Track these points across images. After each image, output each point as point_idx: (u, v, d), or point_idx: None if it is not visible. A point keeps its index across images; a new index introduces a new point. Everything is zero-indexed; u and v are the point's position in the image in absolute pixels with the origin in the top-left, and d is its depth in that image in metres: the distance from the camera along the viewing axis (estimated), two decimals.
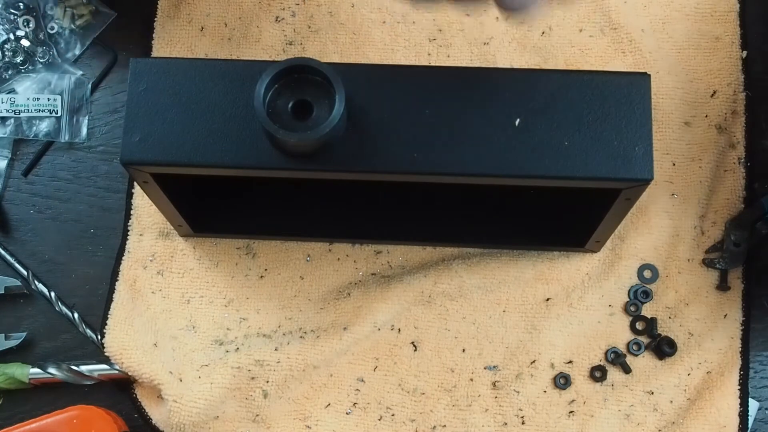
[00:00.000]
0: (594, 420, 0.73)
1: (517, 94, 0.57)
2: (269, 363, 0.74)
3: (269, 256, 0.77)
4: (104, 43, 0.83)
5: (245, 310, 0.76)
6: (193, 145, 0.57)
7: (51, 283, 0.78)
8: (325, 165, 0.57)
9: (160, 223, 0.78)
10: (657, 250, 0.76)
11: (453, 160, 0.56)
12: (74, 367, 0.74)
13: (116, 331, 0.75)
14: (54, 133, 0.81)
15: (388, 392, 0.74)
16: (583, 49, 0.80)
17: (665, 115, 0.78)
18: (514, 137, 0.56)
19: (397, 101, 0.57)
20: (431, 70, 0.62)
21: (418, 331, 0.75)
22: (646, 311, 0.75)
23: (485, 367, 0.75)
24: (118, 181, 0.80)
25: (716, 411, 0.73)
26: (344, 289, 0.77)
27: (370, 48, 0.81)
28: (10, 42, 0.82)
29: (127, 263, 0.77)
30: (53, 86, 0.81)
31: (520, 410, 0.74)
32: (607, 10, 0.80)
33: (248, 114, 0.57)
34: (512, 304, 0.76)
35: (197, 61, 0.64)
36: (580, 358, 0.75)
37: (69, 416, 0.70)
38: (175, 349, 0.75)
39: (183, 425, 0.73)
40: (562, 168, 0.56)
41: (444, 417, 0.74)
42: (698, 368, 0.74)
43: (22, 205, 0.80)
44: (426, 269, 0.76)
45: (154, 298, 0.76)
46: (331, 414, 0.74)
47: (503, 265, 0.77)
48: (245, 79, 0.58)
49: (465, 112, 0.57)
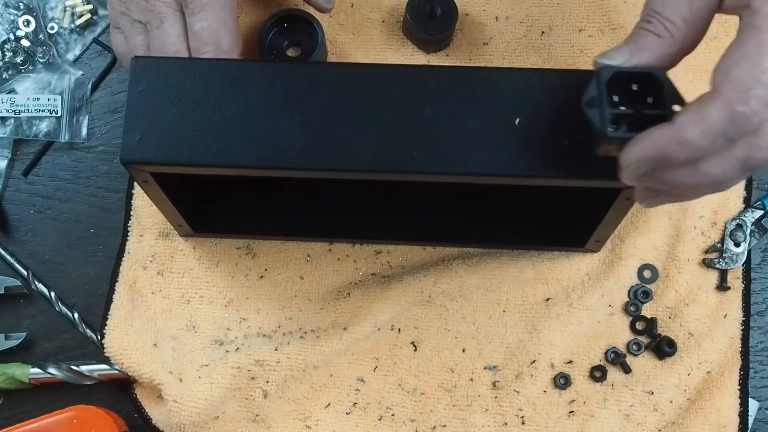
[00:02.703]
0: (594, 420, 0.73)
1: (517, 94, 0.57)
2: (269, 363, 0.74)
3: (269, 256, 0.77)
4: (104, 43, 0.83)
5: (245, 310, 0.76)
6: (193, 145, 0.57)
7: (51, 283, 0.78)
8: (325, 164, 0.57)
9: (160, 224, 0.78)
10: (657, 250, 0.76)
11: (453, 160, 0.56)
12: (74, 367, 0.74)
13: (116, 331, 0.75)
14: (54, 133, 0.81)
15: (388, 392, 0.74)
16: (583, 49, 0.80)
17: None
18: (513, 137, 0.56)
19: (396, 101, 0.57)
20: (431, 69, 0.62)
21: (418, 331, 0.75)
22: (646, 311, 0.75)
23: (485, 367, 0.75)
24: (118, 181, 0.80)
25: (716, 411, 0.73)
26: (344, 289, 0.77)
27: (370, 48, 0.81)
28: (10, 42, 0.82)
29: (127, 264, 0.77)
30: (53, 86, 0.81)
31: (520, 410, 0.74)
32: (607, 10, 0.80)
33: (248, 114, 0.57)
34: (512, 304, 0.76)
35: (197, 61, 0.64)
36: (580, 358, 0.75)
37: (69, 416, 0.70)
38: (175, 349, 0.75)
39: (183, 425, 0.73)
40: (562, 168, 0.56)
41: (444, 417, 0.74)
42: (698, 368, 0.74)
43: (22, 205, 0.80)
44: (426, 269, 0.76)
45: (154, 299, 0.76)
46: (331, 414, 0.74)
47: (503, 265, 0.77)
48: (245, 79, 0.58)
49: (465, 112, 0.57)
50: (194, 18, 0.65)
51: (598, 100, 0.51)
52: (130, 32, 0.67)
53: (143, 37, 0.67)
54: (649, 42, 0.51)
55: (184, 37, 0.66)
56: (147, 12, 0.66)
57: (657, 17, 0.51)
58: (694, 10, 0.51)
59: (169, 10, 0.66)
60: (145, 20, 0.67)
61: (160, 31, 0.66)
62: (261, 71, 0.58)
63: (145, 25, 0.67)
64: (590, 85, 0.52)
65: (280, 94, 0.57)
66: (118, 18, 0.68)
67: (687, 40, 0.51)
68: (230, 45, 0.65)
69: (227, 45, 0.64)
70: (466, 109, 0.57)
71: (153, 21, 0.66)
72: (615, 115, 0.51)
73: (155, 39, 0.66)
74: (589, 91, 0.51)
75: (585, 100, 0.51)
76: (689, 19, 0.51)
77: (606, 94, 0.51)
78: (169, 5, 0.66)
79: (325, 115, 0.57)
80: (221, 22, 0.64)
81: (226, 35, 0.64)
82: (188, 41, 0.65)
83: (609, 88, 0.51)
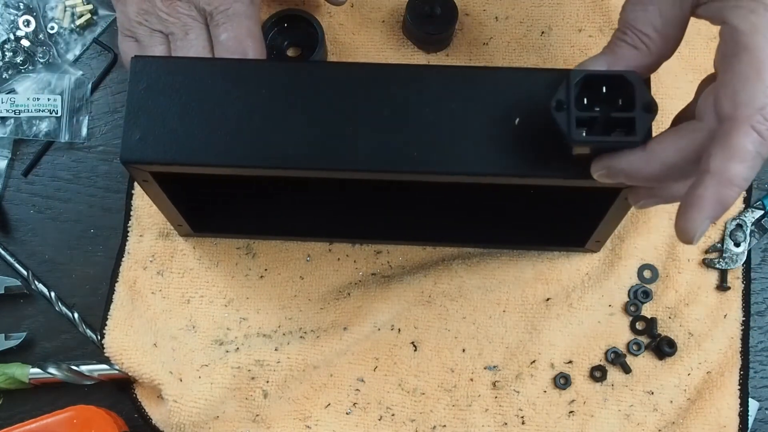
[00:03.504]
0: (594, 420, 0.73)
1: (517, 94, 0.57)
2: (269, 363, 0.74)
3: (269, 256, 0.77)
4: (104, 43, 0.83)
5: (245, 310, 0.76)
6: (193, 144, 0.57)
7: (51, 283, 0.78)
8: (325, 164, 0.57)
9: (160, 224, 0.78)
10: (657, 250, 0.77)
11: (453, 159, 0.56)
12: (74, 367, 0.74)
13: (116, 331, 0.75)
14: (54, 133, 0.81)
15: (388, 392, 0.74)
16: (583, 49, 0.80)
17: (665, 115, 0.77)
18: (513, 137, 0.56)
19: (396, 100, 0.57)
20: (431, 69, 0.62)
21: (418, 331, 0.75)
22: (646, 311, 0.75)
23: (485, 367, 0.75)
24: (118, 181, 0.80)
25: (716, 411, 0.73)
26: (344, 289, 0.77)
27: (370, 48, 0.81)
28: (10, 42, 0.82)
29: (127, 264, 0.77)
30: (53, 86, 0.81)
31: (520, 410, 0.74)
32: (607, 10, 0.80)
33: (248, 113, 0.57)
34: (512, 304, 0.76)
35: (197, 60, 0.64)
36: (580, 358, 0.75)
37: (69, 416, 0.70)
38: (175, 349, 0.75)
39: (183, 425, 0.73)
40: (562, 167, 0.56)
41: (444, 417, 0.74)
42: (698, 368, 0.74)
43: (22, 205, 0.80)
44: (426, 269, 0.76)
45: (154, 299, 0.76)
46: (331, 414, 0.74)
47: (503, 265, 0.77)
48: (245, 79, 0.58)
49: (465, 112, 0.57)
50: (220, 29, 0.66)
51: (566, 103, 0.51)
52: (149, 41, 0.68)
53: (164, 47, 0.67)
54: (626, 53, 0.52)
55: (210, 48, 0.66)
56: (170, 23, 0.67)
57: (632, 30, 0.52)
58: (666, 22, 0.52)
59: (195, 23, 0.67)
60: (167, 31, 0.67)
61: (185, 42, 0.66)
62: (261, 71, 0.58)
63: (167, 36, 0.67)
64: (559, 89, 0.52)
65: (280, 94, 0.57)
66: (134, 27, 0.68)
67: (663, 50, 0.53)
68: (255, 53, 0.66)
69: (253, 53, 0.65)
70: (466, 109, 0.57)
71: (177, 32, 0.67)
72: (585, 118, 0.51)
73: (179, 50, 0.66)
74: (557, 94, 0.51)
75: (552, 103, 0.51)
76: (663, 30, 0.52)
77: (574, 97, 0.51)
78: (194, 17, 0.67)
79: (325, 114, 0.57)
80: (247, 31, 0.65)
81: (251, 44, 0.65)
82: (212, 51, 0.66)
83: (580, 91, 0.51)
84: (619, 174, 0.52)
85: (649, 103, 0.50)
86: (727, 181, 0.46)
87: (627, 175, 0.52)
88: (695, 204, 0.47)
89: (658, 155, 0.50)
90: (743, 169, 0.46)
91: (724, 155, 0.46)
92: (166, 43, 0.67)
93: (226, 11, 0.65)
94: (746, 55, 0.47)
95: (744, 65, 0.47)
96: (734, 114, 0.46)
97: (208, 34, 0.67)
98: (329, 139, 0.57)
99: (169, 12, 0.67)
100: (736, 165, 0.46)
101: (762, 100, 0.46)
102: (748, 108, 0.46)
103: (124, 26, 0.69)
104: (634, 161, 0.51)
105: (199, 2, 0.66)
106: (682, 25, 0.52)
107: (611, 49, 0.53)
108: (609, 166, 0.52)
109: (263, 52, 0.67)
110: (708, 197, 0.47)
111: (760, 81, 0.46)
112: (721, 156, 0.46)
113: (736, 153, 0.46)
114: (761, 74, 0.46)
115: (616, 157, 0.52)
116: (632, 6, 0.53)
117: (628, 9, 0.53)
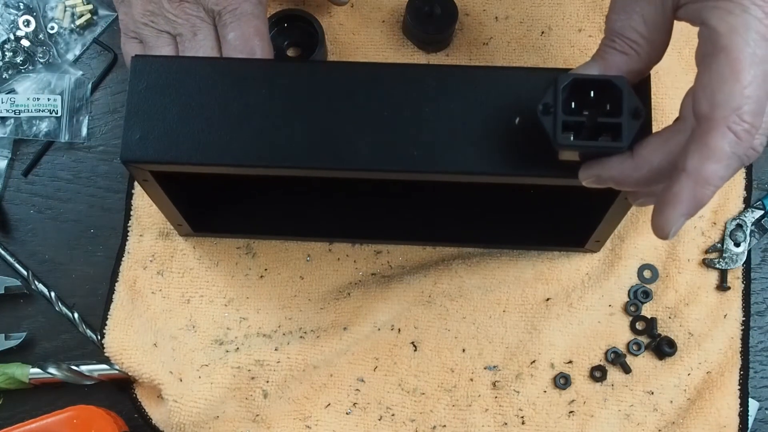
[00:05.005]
0: (594, 420, 0.73)
1: (517, 94, 0.57)
2: (269, 363, 0.74)
3: (269, 256, 0.77)
4: (104, 43, 0.83)
5: (245, 309, 0.76)
6: (193, 144, 0.57)
7: (51, 283, 0.78)
8: (325, 163, 0.57)
9: (160, 224, 0.78)
10: (657, 250, 0.77)
11: (453, 159, 0.56)
12: (74, 367, 0.74)
13: (116, 331, 0.75)
14: (54, 133, 0.81)
15: (388, 392, 0.74)
16: (583, 49, 0.80)
17: (665, 115, 0.78)
18: (513, 136, 0.56)
19: (396, 100, 0.57)
20: (431, 69, 0.62)
21: (418, 331, 0.75)
22: (646, 311, 0.75)
23: (485, 367, 0.75)
24: (118, 181, 0.80)
25: (716, 411, 0.73)
26: (344, 289, 0.77)
27: (370, 48, 0.81)
28: (10, 42, 0.82)
29: (127, 264, 0.77)
30: (53, 86, 0.81)
31: (520, 410, 0.74)
32: (607, 10, 0.80)
33: (248, 113, 0.57)
34: (512, 304, 0.76)
35: (198, 60, 0.64)
36: (580, 358, 0.75)
37: (69, 416, 0.70)
38: (175, 349, 0.75)
39: (183, 425, 0.73)
40: (562, 167, 0.56)
41: (444, 417, 0.74)
42: (698, 368, 0.74)
43: (22, 205, 0.80)
44: (426, 269, 0.76)
45: (154, 298, 0.76)
46: (331, 414, 0.74)
47: (503, 265, 0.77)
48: (245, 78, 0.58)
49: (464, 111, 0.57)
50: (228, 28, 0.66)
51: (552, 107, 0.51)
52: (155, 42, 0.68)
53: (172, 47, 0.67)
54: (617, 59, 0.53)
55: (218, 48, 0.66)
56: (178, 24, 0.67)
57: (619, 37, 0.53)
58: (651, 27, 0.52)
59: (203, 23, 0.67)
60: (175, 32, 0.67)
61: (193, 43, 0.66)
62: (261, 70, 0.58)
63: (174, 37, 0.67)
64: (547, 92, 0.52)
65: (280, 93, 0.57)
66: (139, 28, 0.68)
67: (652, 54, 0.53)
68: (263, 53, 0.66)
69: (260, 53, 0.65)
70: (465, 109, 0.57)
71: (185, 33, 0.67)
72: (571, 122, 0.51)
73: (188, 50, 0.66)
74: (545, 97, 0.52)
75: (539, 107, 0.51)
76: (649, 36, 0.52)
77: (562, 101, 0.51)
78: (203, 18, 0.66)
79: (325, 114, 0.57)
80: (255, 30, 0.65)
81: (259, 43, 0.65)
82: (221, 51, 0.66)
83: (569, 95, 0.51)
84: (608, 181, 0.53)
85: (637, 108, 0.50)
86: (703, 181, 0.47)
87: (616, 181, 0.52)
88: (671, 202, 0.48)
89: (646, 160, 0.51)
90: (719, 169, 0.47)
91: (700, 155, 0.47)
92: (173, 43, 0.67)
93: (234, 11, 0.65)
94: (724, 55, 0.47)
95: (721, 66, 0.47)
96: (711, 114, 0.47)
97: (216, 34, 0.67)
98: (329, 138, 0.57)
99: (177, 13, 0.67)
100: (712, 165, 0.47)
101: (739, 100, 0.46)
102: (724, 108, 0.46)
103: (128, 27, 0.69)
104: (622, 168, 0.51)
105: (207, 2, 0.66)
106: (667, 29, 0.52)
107: (601, 56, 0.54)
108: (598, 175, 0.53)
109: (271, 52, 0.67)
110: (684, 196, 0.47)
111: (737, 82, 0.46)
112: (698, 156, 0.47)
113: (713, 153, 0.47)
114: (738, 75, 0.46)
115: (604, 163, 0.52)
116: (616, 15, 0.53)
117: (612, 18, 0.53)
